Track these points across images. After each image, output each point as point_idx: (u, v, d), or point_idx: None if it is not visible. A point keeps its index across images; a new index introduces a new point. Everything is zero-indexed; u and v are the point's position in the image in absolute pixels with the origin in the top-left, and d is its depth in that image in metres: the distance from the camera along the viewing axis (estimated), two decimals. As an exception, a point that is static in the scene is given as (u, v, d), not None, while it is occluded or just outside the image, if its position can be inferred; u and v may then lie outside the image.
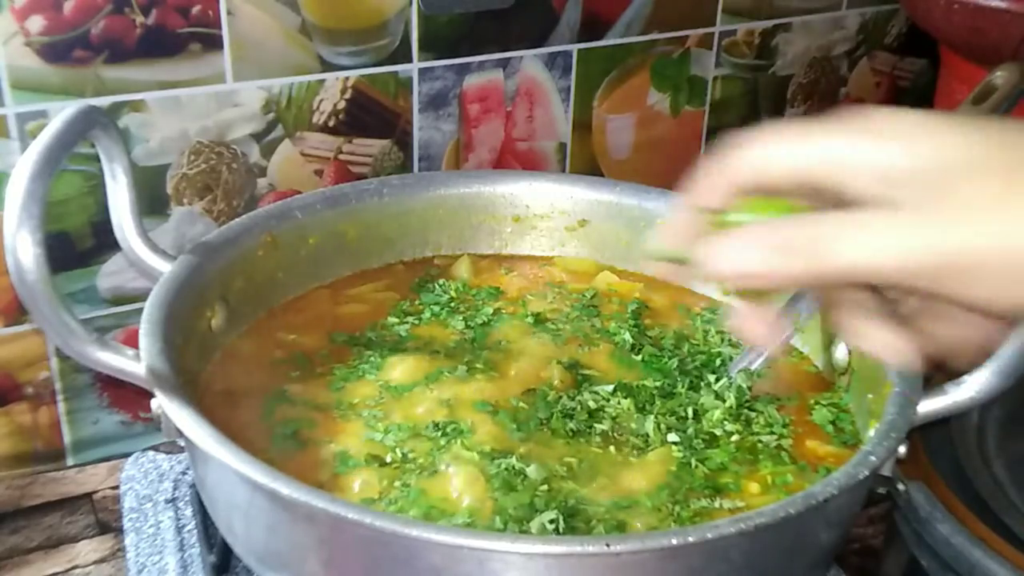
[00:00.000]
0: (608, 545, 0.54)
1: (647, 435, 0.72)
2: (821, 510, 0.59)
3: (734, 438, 0.73)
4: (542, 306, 0.88)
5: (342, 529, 0.58)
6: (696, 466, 0.70)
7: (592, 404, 0.75)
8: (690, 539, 0.55)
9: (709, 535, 0.56)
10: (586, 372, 0.79)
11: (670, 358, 0.80)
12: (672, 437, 0.72)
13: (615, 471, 0.69)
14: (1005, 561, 0.67)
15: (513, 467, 0.68)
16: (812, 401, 0.78)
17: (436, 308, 0.86)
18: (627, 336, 0.83)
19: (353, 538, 0.58)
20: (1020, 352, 0.65)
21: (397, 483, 0.67)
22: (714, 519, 0.65)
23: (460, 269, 0.92)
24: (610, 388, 0.76)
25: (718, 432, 0.73)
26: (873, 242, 0.45)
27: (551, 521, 0.63)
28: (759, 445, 0.73)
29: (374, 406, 0.74)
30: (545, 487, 0.67)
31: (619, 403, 0.75)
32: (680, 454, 0.71)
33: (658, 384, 0.77)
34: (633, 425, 0.73)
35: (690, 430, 0.73)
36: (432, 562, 0.56)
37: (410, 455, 0.69)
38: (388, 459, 0.69)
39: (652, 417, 0.73)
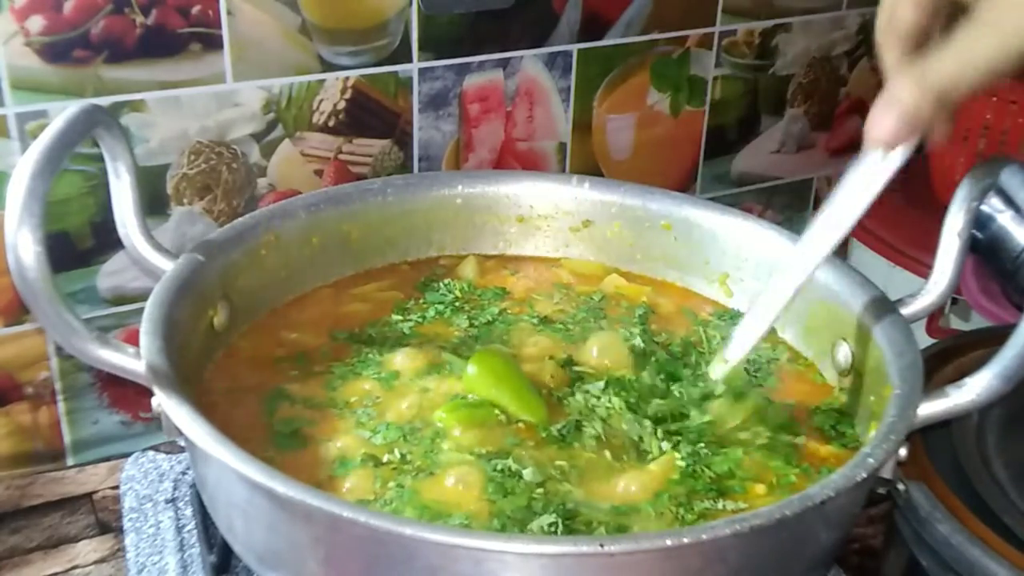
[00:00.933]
0: (603, 545, 0.54)
1: (640, 440, 0.72)
2: (819, 511, 0.59)
3: (743, 435, 0.73)
4: (548, 308, 0.88)
5: (339, 528, 0.58)
6: (702, 471, 0.70)
7: (585, 404, 0.74)
8: (685, 540, 0.55)
9: (704, 536, 0.56)
10: (579, 369, 0.79)
11: (684, 366, 0.80)
12: (666, 445, 0.71)
13: (615, 475, 0.69)
14: (1005, 561, 0.67)
15: (509, 468, 0.68)
16: (812, 407, 0.78)
17: (440, 307, 0.86)
18: (639, 341, 0.82)
19: (350, 537, 0.58)
20: (1021, 355, 0.65)
21: (392, 484, 0.67)
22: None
23: (466, 270, 0.92)
24: (601, 384, 0.75)
25: (727, 432, 0.73)
26: (951, 66, 0.59)
27: (550, 524, 0.63)
28: (775, 444, 0.73)
29: (371, 405, 0.74)
30: (541, 490, 0.67)
31: (610, 401, 0.74)
32: (684, 463, 0.70)
33: (662, 387, 0.76)
34: (630, 434, 0.72)
35: (695, 435, 0.72)
36: (429, 562, 0.56)
37: (408, 456, 0.69)
38: (385, 459, 0.69)
39: (649, 423, 0.73)
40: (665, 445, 0.71)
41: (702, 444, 0.72)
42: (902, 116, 0.61)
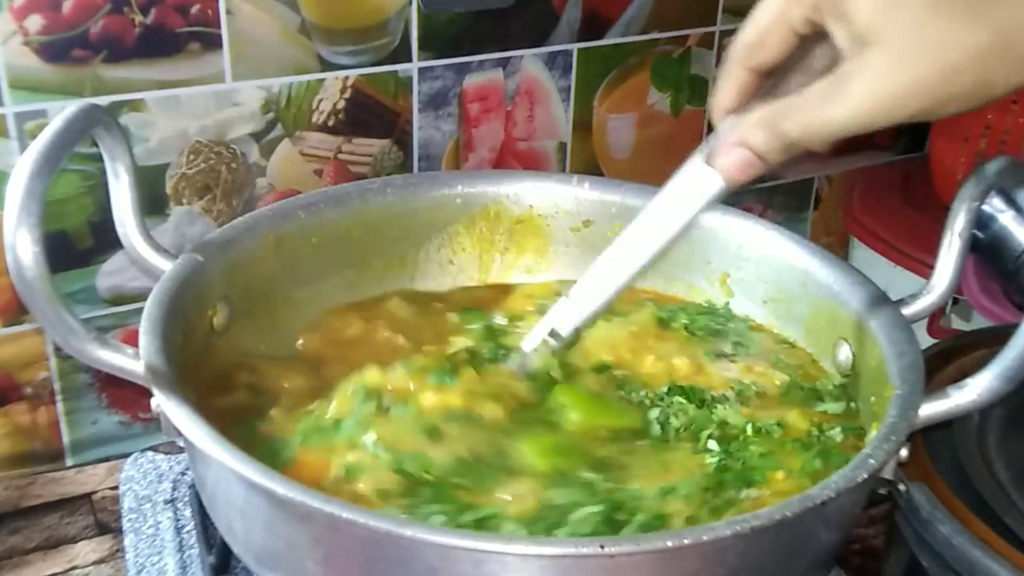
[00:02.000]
0: (602, 547, 0.54)
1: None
2: (819, 512, 0.59)
3: (777, 435, 0.73)
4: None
5: (338, 529, 0.57)
6: (734, 464, 0.69)
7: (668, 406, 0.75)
8: (685, 541, 0.55)
9: (705, 537, 0.56)
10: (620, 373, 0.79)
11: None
12: (712, 445, 0.71)
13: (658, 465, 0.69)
14: (1005, 561, 0.67)
15: (580, 478, 0.67)
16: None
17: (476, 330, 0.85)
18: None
19: (350, 538, 0.58)
20: (1022, 356, 0.65)
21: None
22: (741, 509, 0.65)
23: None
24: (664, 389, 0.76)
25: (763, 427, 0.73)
26: (807, 122, 0.57)
27: (592, 514, 0.63)
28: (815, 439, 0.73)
29: (374, 412, 0.74)
30: (600, 486, 0.66)
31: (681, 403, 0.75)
32: (714, 460, 0.70)
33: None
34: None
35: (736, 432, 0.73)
36: (429, 563, 0.56)
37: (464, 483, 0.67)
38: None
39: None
40: (712, 444, 0.71)
41: (741, 440, 0.72)
42: (751, 162, 0.60)
